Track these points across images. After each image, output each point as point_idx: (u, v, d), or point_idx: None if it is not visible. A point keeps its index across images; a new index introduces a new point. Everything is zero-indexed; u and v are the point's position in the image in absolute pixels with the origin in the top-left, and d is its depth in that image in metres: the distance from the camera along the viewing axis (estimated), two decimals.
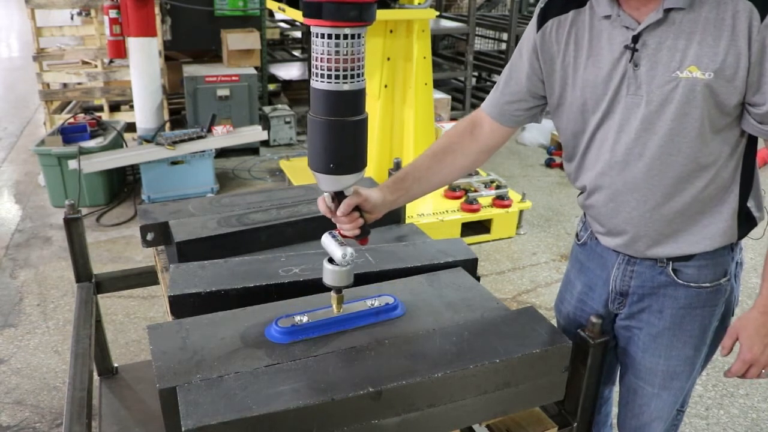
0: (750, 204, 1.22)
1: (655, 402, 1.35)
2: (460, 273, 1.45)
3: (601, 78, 1.16)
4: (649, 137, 1.14)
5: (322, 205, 1.19)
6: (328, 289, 1.20)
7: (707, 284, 1.24)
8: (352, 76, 1.03)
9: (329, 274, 1.17)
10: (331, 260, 1.17)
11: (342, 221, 1.19)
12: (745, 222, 1.23)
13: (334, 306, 1.21)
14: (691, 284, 1.24)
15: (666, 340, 1.29)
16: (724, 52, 1.04)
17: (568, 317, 1.48)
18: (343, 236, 1.19)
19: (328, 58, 1.01)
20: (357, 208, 1.20)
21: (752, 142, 1.18)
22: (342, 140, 1.08)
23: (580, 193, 1.34)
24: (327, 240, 1.19)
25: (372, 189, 1.25)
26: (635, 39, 1.10)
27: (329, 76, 1.02)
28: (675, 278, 1.25)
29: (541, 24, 1.23)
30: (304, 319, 1.20)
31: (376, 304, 1.26)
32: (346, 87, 1.03)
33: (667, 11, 1.07)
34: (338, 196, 1.18)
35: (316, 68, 1.03)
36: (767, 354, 1.19)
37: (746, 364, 1.21)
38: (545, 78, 1.26)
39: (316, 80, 1.03)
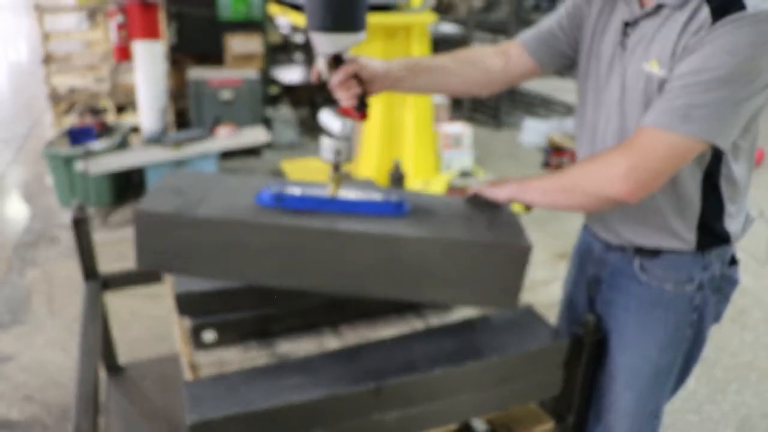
0: (727, 223, 1.21)
1: (620, 401, 1.35)
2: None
3: (607, 54, 1.20)
4: (619, 121, 1.18)
5: (315, 73, 1.17)
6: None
7: (669, 285, 1.25)
8: None
9: (327, 148, 1.14)
10: (329, 136, 1.14)
11: (337, 89, 1.16)
12: (709, 236, 1.22)
13: (331, 186, 1.16)
14: (653, 283, 1.26)
15: (630, 337, 1.30)
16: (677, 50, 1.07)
17: (567, 294, 1.53)
18: (343, 111, 1.16)
19: None
20: (356, 78, 1.18)
21: (723, 163, 1.16)
22: None
23: None
24: (326, 114, 1.15)
25: (375, 59, 1.24)
26: (628, 24, 1.15)
27: None
28: (640, 274, 1.27)
29: None
30: (297, 191, 1.15)
31: (380, 199, 1.17)
32: None
33: (659, 7, 1.10)
34: (336, 62, 1.15)
35: None
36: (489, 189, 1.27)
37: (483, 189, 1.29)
38: (578, 43, 1.30)
39: None
